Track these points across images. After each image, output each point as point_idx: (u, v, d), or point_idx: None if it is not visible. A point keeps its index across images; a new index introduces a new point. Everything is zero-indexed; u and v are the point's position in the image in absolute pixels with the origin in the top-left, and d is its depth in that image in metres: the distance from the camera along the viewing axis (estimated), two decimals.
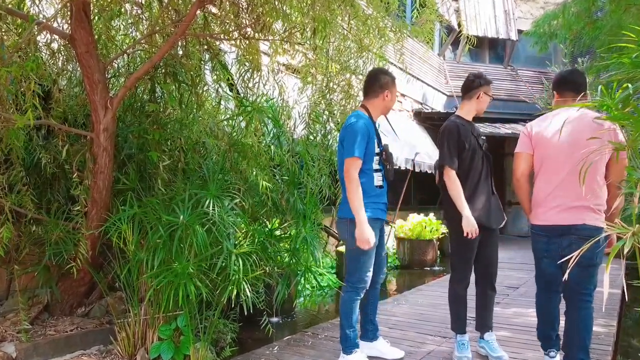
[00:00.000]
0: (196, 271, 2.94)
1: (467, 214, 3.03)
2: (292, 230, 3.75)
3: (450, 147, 3.12)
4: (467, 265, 3.22)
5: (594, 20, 6.03)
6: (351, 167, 2.86)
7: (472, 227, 3.01)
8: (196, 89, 3.37)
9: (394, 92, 3.13)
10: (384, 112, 3.20)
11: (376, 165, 3.02)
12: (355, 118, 2.97)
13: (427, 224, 9.19)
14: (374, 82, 3.10)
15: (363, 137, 2.88)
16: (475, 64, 14.45)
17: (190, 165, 3.48)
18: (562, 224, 2.67)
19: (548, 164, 2.74)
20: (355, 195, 2.83)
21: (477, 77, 3.24)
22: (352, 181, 2.85)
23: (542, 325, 2.98)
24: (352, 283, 3.04)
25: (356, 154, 2.85)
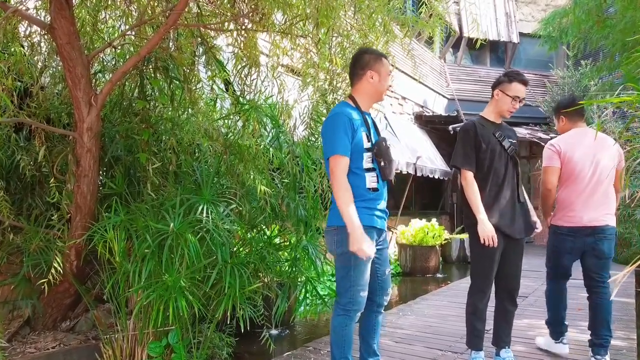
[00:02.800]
0: (188, 284, 2.67)
1: (483, 218, 2.79)
2: (292, 238, 3.49)
3: (464, 147, 2.89)
4: (487, 276, 2.94)
5: (603, 18, 5.81)
6: (335, 167, 2.39)
7: (488, 233, 2.77)
8: (189, 85, 3.11)
9: (383, 73, 2.57)
10: (375, 98, 2.64)
11: (368, 163, 2.50)
12: (335, 110, 2.51)
13: (429, 230, 8.95)
14: (355, 64, 2.60)
15: (344, 129, 2.41)
16: (476, 67, 14.28)
17: (183, 168, 3.23)
18: (589, 225, 3.15)
19: (577, 177, 3.20)
20: (343, 198, 2.36)
21: (503, 75, 3.02)
22: (337, 183, 2.37)
23: (558, 315, 3.49)
24: (342, 305, 2.51)
25: (339, 151, 2.39)
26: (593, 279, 3.24)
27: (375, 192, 2.54)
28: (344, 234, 2.43)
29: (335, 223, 2.50)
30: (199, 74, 3.42)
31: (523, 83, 2.96)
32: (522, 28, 14.07)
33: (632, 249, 8.60)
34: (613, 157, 3.19)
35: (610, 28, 5.74)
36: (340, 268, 2.54)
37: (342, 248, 2.47)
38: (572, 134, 3.30)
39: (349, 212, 2.35)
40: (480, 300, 2.98)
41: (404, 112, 11.52)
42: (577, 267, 3.38)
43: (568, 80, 12.33)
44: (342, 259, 2.51)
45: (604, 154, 3.16)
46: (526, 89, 3.05)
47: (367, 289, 2.55)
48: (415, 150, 10.18)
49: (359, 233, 2.33)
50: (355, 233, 2.33)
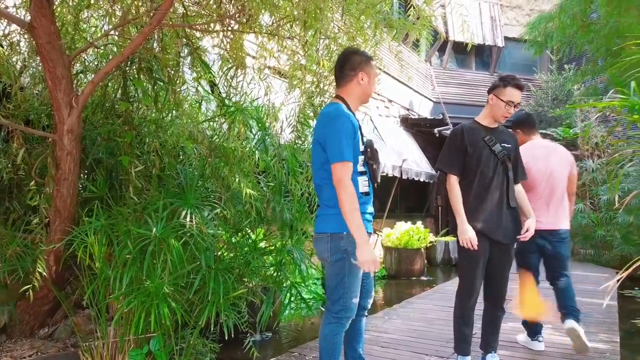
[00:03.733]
0: (171, 290, 2.61)
1: (462, 222, 2.79)
2: (278, 242, 3.44)
3: (450, 151, 2.90)
4: (472, 279, 2.92)
5: (588, 23, 5.87)
6: (344, 174, 2.30)
7: (466, 237, 2.77)
8: (173, 86, 3.05)
9: (372, 75, 2.54)
10: (363, 99, 2.59)
11: (360, 167, 2.46)
12: (335, 110, 2.42)
13: (414, 233, 8.96)
14: (344, 65, 2.52)
15: (349, 133, 2.35)
16: (462, 70, 14.38)
17: (167, 171, 3.15)
18: (548, 228, 3.48)
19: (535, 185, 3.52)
20: (351, 207, 2.28)
21: (498, 79, 2.99)
22: (348, 191, 2.28)
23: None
24: (334, 313, 2.46)
25: (346, 157, 2.31)
26: (554, 276, 3.64)
27: (367, 196, 2.50)
28: (337, 241, 2.40)
29: (328, 230, 2.44)
30: (183, 76, 3.36)
31: (518, 88, 2.92)
32: (507, 32, 14.21)
33: (613, 251, 8.71)
34: (565, 165, 3.64)
35: (595, 33, 5.80)
36: (334, 275, 2.47)
37: (336, 255, 2.42)
38: (527, 146, 3.65)
39: (360, 222, 2.31)
40: (466, 304, 2.96)
41: (390, 114, 11.54)
42: None
43: (552, 84, 12.47)
44: (336, 267, 2.45)
45: (556, 163, 3.60)
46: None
47: (358, 295, 2.52)
48: (401, 153, 10.19)
49: (368, 244, 2.31)
50: (367, 244, 2.30)
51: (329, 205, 2.44)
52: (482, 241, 2.83)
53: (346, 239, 2.38)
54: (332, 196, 2.39)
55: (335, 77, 2.60)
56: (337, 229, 2.39)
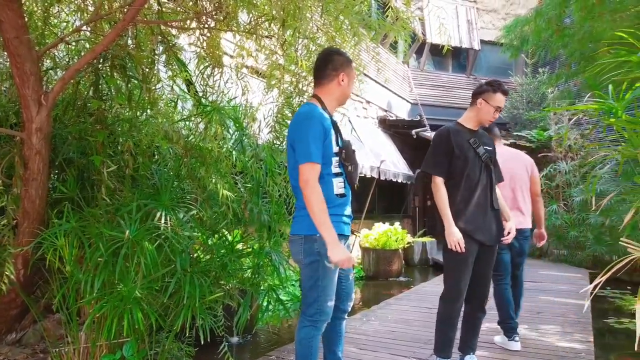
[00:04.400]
0: (144, 295, 2.54)
1: (449, 224, 2.78)
2: (256, 245, 3.38)
3: (435, 153, 2.88)
4: (459, 283, 2.91)
5: (562, 28, 5.97)
6: (310, 175, 2.27)
7: (454, 239, 2.76)
8: (148, 84, 2.96)
9: (352, 77, 2.53)
10: (341, 101, 2.57)
11: (335, 168, 2.42)
12: (307, 111, 2.38)
13: (392, 234, 8.98)
14: (326, 64, 2.48)
15: (318, 135, 2.32)
16: (439, 72, 14.51)
17: (141, 171, 3.07)
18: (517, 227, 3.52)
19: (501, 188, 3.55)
20: (318, 208, 2.25)
21: (485, 83, 3.00)
22: (315, 192, 2.26)
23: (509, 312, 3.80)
24: (309, 316, 2.42)
25: (314, 159, 2.28)
26: (516, 267, 3.99)
27: (343, 197, 2.47)
28: (311, 243, 2.37)
29: (302, 232, 2.41)
30: (158, 74, 3.27)
31: (504, 93, 2.98)
32: (483, 35, 14.39)
33: (586, 251, 8.88)
34: (526, 168, 3.96)
35: (569, 37, 5.89)
36: (308, 278, 2.44)
37: (309, 257, 2.39)
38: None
39: (329, 223, 2.27)
40: (453, 307, 2.94)
41: (369, 116, 11.57)
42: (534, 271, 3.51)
43: (527, 87, 12.68)
44: (310, 269, 2.42)
45: (518, 166, 3.91)
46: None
47: (334, 298, 2.48)
48: (379, 154, 10.22)
49: (339, 244, 2.28)
50: (336, 244, 2.27)
51: (303, 207, 2.40)
52: (469, 243, 2.83)
53: (319, 241, 2.35)
54: None
55: (315, 76, 2.55)
56: (311, 231, 2.35)
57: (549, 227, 9.62)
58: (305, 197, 2.28)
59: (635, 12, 4.88)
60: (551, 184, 10.13)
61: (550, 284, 6.96)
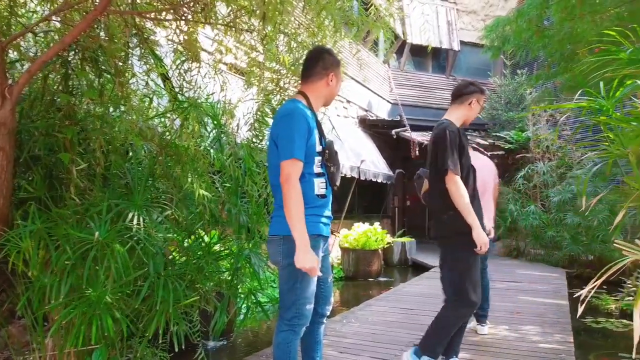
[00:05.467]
0: (115, 300, 2.40)
1: (477, 225, 2.69)
2: (234, 247, 3.27)
3: (452, 150, 2.75)
4: (476, 284, 2.81)
5: (542, 28, 5.98)
6: (291, 172, 2.21)
7: (485, 239, 2.68)
8: (121, 79, 2.82)
9: (340, 78, 2.51)
10: (327, 101, 2.54)
11: (317, 168, 2.36)
12: (291, 108, 2.32)
13: (372, 234, 8.94)
14: (317, 62, 2.45)
15: (303, 132, 2.26)
16: (419, 73, 14.54)
17: (113, 170, 2.92)
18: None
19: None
20: (295, 207, 2.18)
21: (471, 84, 2.96)
22: (292, 189, 2.19)
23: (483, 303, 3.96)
24: (287, 320, 2.35)
25: (296, 155, 2.22)
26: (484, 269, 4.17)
27: (324, 198, 2.40)
28: (290, 243, 2.27)
29: (281, 232, 2.33)
30: (132, 68, 3.13)
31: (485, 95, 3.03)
32: (462, 36, 14.48)
33: (563, 251, 8.97)
34: (494, 174, 4.26)
35: (549, 38, 5.91)
36: (286, 280, 2.36)
37: (288, 259, 2.30)
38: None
39: (302, 226, 2.20)
40: (469, 311, 2.84)
41: (349, 115, 11.51)
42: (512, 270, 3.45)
43: (505, 88, 12.79)
44: (288, 271, 2.33)
45: (484, 171, 4.03)
46: None
47: (313, 301, 2.40)
48: (359, 154, 10.17)
49: (309, 250, 2.20)
50: (306, 249, 2.19)
51: (282, 206, 2.32)
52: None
53: None
54: None
55: (304, 73, 2.50)
56: (290, 232, 2.26)
57: (526, 227, 9.71)
58: (284, 195, 2.21)
59: (615, 13, 4.91)
60: (529, 185, 10.22)
61: (528, 283, 7.00)
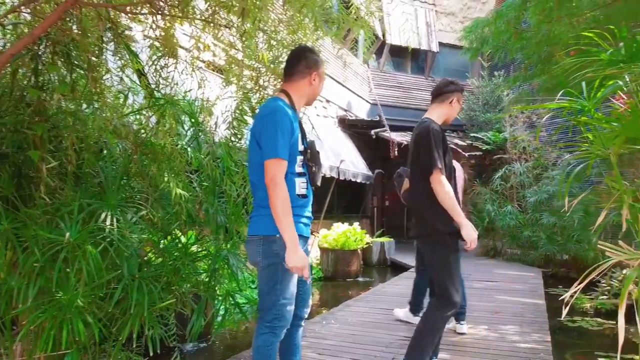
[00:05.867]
0: (87, 303, 2.31)
1: (467, 223, 2.65)
2: (212, 247, 3.19)
3: (437, 148, 2.71)
4: (457, 284, 2.79)
5: (520, 30, 6.04)
6: (277, 172, 2.18)
7: (475, 236, 2.64)
8: (94, 74, 2.72)
9: (322, 78, 2.51)
10: (309, 100, 2.53)
11: (299, 168, 2.35)
12: (274, 106, 2.29)
13: (352, 234, 8.93)
14: (300, 60, 2.44)
15: (286, 130, 2.24)
16: (398, 74, 14.61)
17: (85, 168, 2.82)
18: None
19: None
20: (283, 207, 2.16)
21: (451, 82, 2.94)
22: (279, 189, 2.16)
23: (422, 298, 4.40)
24: (267, 322, 2.30)
25: (280, 155, 2.20)
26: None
27: (304, 198, 2.37)
28: (270, 244, 2.25)
29: (261, 232, 2.29)
30: (107, 63, 3.03)
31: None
32: (441, 38, 14.59)
33: (539, 250, 9.10)
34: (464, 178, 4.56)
35: (526, 40, 5.97)
36: (266, 281, 2.31)
37: (268, 259, 2.27)
38: None
39: (291, 226, 2.18)
40: (450, 310, 2.80)
41: (328, 115, 11.48)
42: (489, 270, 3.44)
43: (483, 90, 12.93)
44: (268, 272, 2.29)
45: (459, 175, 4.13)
46: None
47: (293, 302, 2.36)
48: (339, 154, 10.15)
49: (299, 249, 2.19)
50: (296, 249, 2.17)
51: (263, 206, 2.29)
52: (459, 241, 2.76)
53: (279, 242, 2.24)
54: (267, 196, 2.24)
55: (287, 71, 2.48)
56: (270, 231, 2.25)
57: (503, 227, 9.82)
58: (270, 195, 2.18)
59: (591, 16, 4.98)
60: (506, 185, 10.34)
61: (506, 283, 7.07)
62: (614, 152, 1.82)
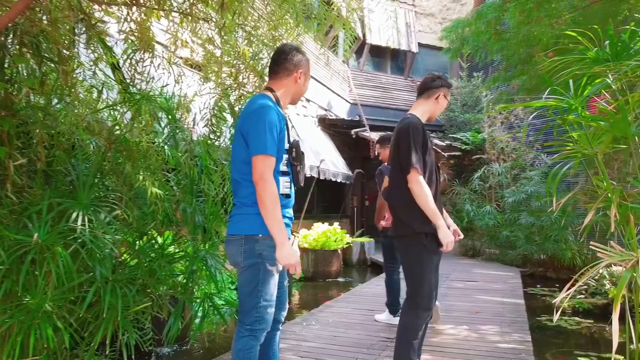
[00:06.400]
0: (56, 307, 2.20)
1: (443, 225, 2.57)
2: (189, 248, 3.09)
3: (416, 146, 2.62)
4: (432, 287, 2.71)
5: (500, 31, 6.07)
6: (265, 168, 2.13)
7: (451, 238, 2.58)
8: (65, 67, 2.59)
9: (308, 77, 2.48)
10: (295, 99, 2.49)
11: (284, 166, 2.31)
12: (262, 103, 2.25)
13: (332, 234, 8.87)
14: (286, 58, 2.40)
15: (273, 128, 2.19)
16: (378, 73, 14.61)
17: (56, 166, 2.69)
18: None
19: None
20: (273, 204, 2.10)
21: (438, 77, 2.83)
22: (268, 186, 2.10)
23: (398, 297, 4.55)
24: (248, 325, 2.23)
25: (269, 151, 2.15)
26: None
27: (288, 198, 2.32)
28: (252, 244, 2.18)
29: (242, 232, 2.22)
30: (79, 56, 2.90)
31: None
32: (420, 39, 14.65)
33: (517, 250, 9.17)
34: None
35: (506, 41, 6.00)
36: (246, 283, 2.23)
37: (249, 260, 2.20)
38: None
39: (281, 222, 2.14)
40: (426, 315, 2.71)
41: (308, 114, 11.41)
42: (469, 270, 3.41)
43: (462, 91, 13.02)
44: (250, 273, 2.21)
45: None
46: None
47: (274, 305, 2.29)
48: (319, 154, 10.09)
49: (289, 245, 2.14)
50: (287, 246, 2.12)
51: (246, 204, 2.23)
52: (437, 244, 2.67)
53: (261, 241, 2.18)
54: (251, 193, 2.19)
55: (272, 69, 2.44)
56: (252, 231, 2.19)
57: (482, 227, 9.89)
58: (259, 192, 2.12)
59: (570, 17, 5.02)
60: (485, 185, 10.42)
61: (485, 283, 7.10)
62: (601, 150, 1.79)
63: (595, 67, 1.85)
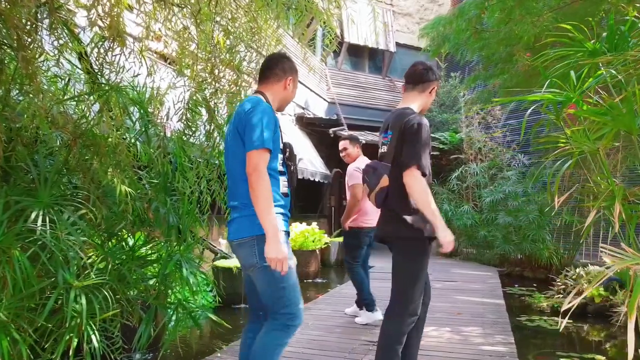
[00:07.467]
0: (12, 316, 1.99)
1: (444, 226, 2.45)
2: (163, 250, 2.90)
3: (423, 145, 2.49)
4: (421, 293, 2.58)
5: (480, 30, 6.01)
6: (259, 162, 2.09)
7: (450, 238, 2.44)
8: (25, 53, 2.38)
9: (296, 85, 2.53)
10: (282, 105, 2.51)
11: (280, 166, 2.33)
12: (258, 100, 2.28)
13: (310, 234, 8.72)
14: (276, 65, 2.46)
15: (272, 124, 2.19)
16: (356, 72, 14.54)
17: (14, 161, 2.48)
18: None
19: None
20: (266, 197, 2.07)
21: (430, 69, 2.69)
22: (262, 179, 2.07)
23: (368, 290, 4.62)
24: (284, 321, 2.21)
25: (267, 145, 2.12)
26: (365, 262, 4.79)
27: (286, 197, 2.33)
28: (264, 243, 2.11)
29: (253, 233, 2.18)
30: (42, 43, 2.68)
31: None
32: (398, 38, 14.64)
33: (494, 250, 9.19)
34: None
35: (486, 40, 5.95)
36: (269, 282, 2.20)
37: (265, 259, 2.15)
38: (362, 160, 4.82)
39: (273, 215, 2.11)
40: (410, 326, 2.56)
41: (286, 112, 11.23)
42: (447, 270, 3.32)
43: (439, 91, 13.04)
44: (268, 272, 2.17)
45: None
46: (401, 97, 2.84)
47: (301, 297, 2.29)
48: (297, 153, 9.93)
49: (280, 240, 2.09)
50: (277, 240, 2.08)
51: (250, 205, 2.16)
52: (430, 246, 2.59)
53: None
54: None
55: (262, 74, 2.48)
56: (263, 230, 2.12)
57: (460, 227, 9.89)
58: (253, 185, 2.08)
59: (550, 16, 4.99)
60: (462, 185, 10.43)
61: (464, 283, 7.06)
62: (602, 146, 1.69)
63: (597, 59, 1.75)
